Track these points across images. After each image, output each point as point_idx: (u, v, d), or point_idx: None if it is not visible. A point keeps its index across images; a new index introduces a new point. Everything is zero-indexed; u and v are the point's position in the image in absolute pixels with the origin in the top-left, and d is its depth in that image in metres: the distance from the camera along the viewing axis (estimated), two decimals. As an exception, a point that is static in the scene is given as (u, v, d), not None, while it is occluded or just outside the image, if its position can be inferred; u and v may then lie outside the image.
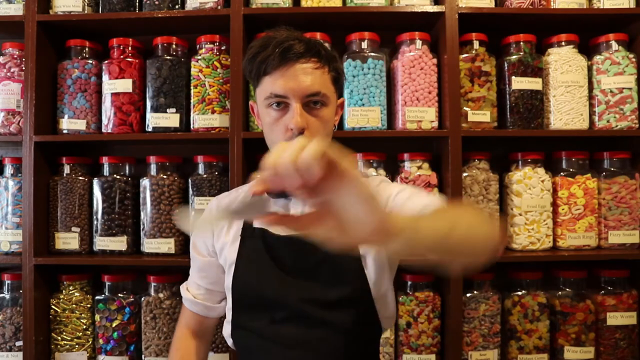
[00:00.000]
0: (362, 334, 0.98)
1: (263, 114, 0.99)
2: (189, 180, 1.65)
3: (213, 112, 1.62)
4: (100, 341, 1.62)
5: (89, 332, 1.64)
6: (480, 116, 1.60)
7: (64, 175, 1.68)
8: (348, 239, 0.56)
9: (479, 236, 0.72)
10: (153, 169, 1.67)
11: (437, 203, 0.87)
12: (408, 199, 0.93)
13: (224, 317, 1.10)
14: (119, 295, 1.63)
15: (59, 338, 1.64)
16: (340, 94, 1.06)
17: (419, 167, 1.63)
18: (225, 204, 1.11)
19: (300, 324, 0.95)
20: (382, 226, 0.54)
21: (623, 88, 1.61)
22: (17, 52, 1.71)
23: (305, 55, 0.94)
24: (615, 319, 1.57)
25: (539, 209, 1.59)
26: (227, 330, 1.05)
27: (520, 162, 1.65)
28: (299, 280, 0.96)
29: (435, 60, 1.63)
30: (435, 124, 1.61)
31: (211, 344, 1.49)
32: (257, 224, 1.03)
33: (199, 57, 1.64)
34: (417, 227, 0.62)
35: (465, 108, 1.61)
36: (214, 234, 1.09)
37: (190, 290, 1.14)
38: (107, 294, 1.63)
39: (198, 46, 1.69)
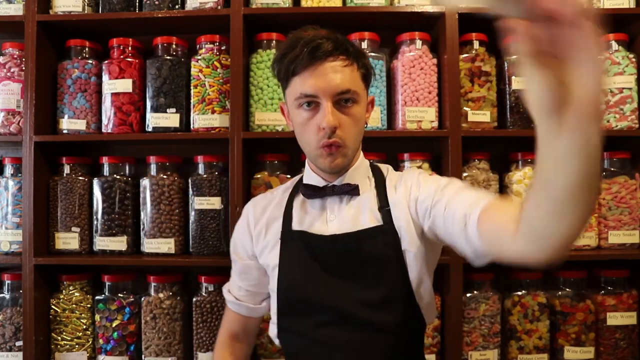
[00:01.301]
0: (407, 332, 0.98)
1: (294, 115, 0.99)
2: (189, 180, 1.65)
3: (213, 112, 1.62)
4: (100, 341, 1.62)
5: (89, 332, 1.64)
6: (480, 116, 1.60)
7: (64, 175, 1.68)
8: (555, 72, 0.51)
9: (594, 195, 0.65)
10: (153, 169, 1.67)
11: (492, 198, 0.86)
12: (456, 194, 0.92)
13: (268, 317, 1.11)
14: (119, 295, 1.63)
15: (59, 338, 1.64)
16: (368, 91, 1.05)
17: (419, 167, 1.63)
18: (262, 206, 1.11)
19: (345, 326, 0.95)
20: (596, 105, 0.50)
21: (623, 88, 1.61)
22: (17, 52, 1.71)
23: (333, 53, 0.93)
24: (615, 319, 1.57)
25: (539, 209, 1.59)
26: (273, 331, 1.06)
27: (520, 162, 1.65)
28: (342, 282, 0.96)
29: (435, 60, 1.63)
30: (435, 124, 1.61)
31: (254, 344, 1.50)
32: (296, 226, 1.03)
33: (199, 57, 1.64)
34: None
35: (465, 108, 1.61)
36: (252, 238, 1.09)
37: (232, 292, 1.16)
38: (107, 294, 1.63)
39: (198, 46, 1.69)
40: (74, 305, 1.64)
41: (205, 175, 1.65)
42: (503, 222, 0.77)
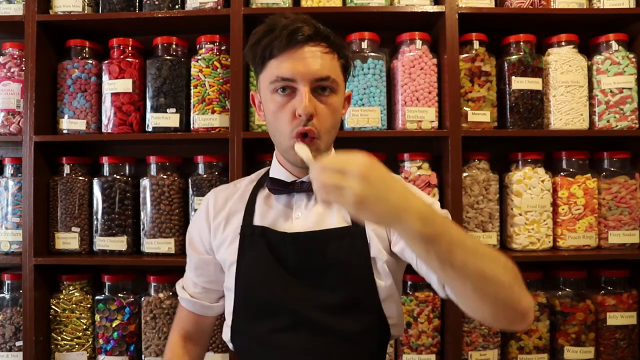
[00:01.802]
0: (369, 341, 0.93)
1: (267, 101, 0.92)
2: (189, 180, 1.65)
3: (213, 112, 1.62)
4: (100, 341, 1.62)
5: (89, 332, 1.64)
6: (480, 116, 1.60)
7: (64, 175, 1.68)
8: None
9: (518, 294, 0.70)
10: (153, 169, 1.67)
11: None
12: None
13: (223, 317, 1.04)
14: (119, 295, 1.63)
15: (59, 338, 1.64)
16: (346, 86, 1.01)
17: (419, 167, 1.63)
18: (223, 197, 1.04)
19: (304, 332, 0.90)
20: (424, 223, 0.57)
21: (623, 88, 1.61)
22: (17, 52, 1.71)
23: (314, 38, 0.88)
24: (615, 319, 1.57)
25: (539, 209, 1.59)
26: (227, 334, 0.99)
27: (520, 162, 1.65)
28: (303, 284, 0.91)
29: (435, 60, 1.63)
30: (435, 124, 1.61)
31: (208, 346, 1.48)
32: (257, 221, 0.97)
33: (199, 57, 1.64)
34: (465, 238, 0.63)
35: (465, 108, 1.60)
36: (210, 230, 1.02)
37: (186, 289, 1.09)
38: (107, 294, 1.63)
39: (198, 46, 1.69)
40: (74, 305, 1.64)
41: (205, 175, 1.65)
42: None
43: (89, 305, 1.65)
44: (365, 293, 0.91)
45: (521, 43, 1.65)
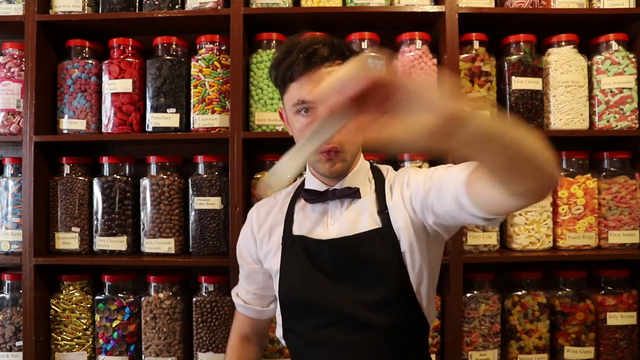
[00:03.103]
0: (408, 333, 0.99)
1: (292, 121, 0.99)
2: (189, 180, 1.65)
3: (213, 112, 1.62)
4: (100, 341, 1.62)
5: (89, 332, 1.64)
6: (480, 116, 1.60)
7: (64, 175, 1.68)
8: (419, 136, 0.53)
9: (546, 159, 0.65)
10: (153, 169, 1.67)
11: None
12: (445, 171, 0.90)
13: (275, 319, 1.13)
14: (119, 295, 1.63)
15: (59, 338, 1.64)
16: None
17: (419, 167, 1.63)
18: (265, 210, 1.12)
19: (345, 328, 0.96)
20: (451, 112, 0.52)
21: (623, 88, 1.61)
22: (17, 52, 1.71)
23: (329, 58, 0.93)
24: (615, 319, 1.57)
25: (539, 208, 1.59)
26: (279, 332, 1.09)
27: (520, 162, 1.64)
28: (340, 284, 0.97)
29: (435, 60, 1.62)
30: (435, 124, 1.61)
31: (266, 345, 1.52)
32: (296, 231, 1.04)
33: (199, 57, 1.64)
34: (491, 117, 0.58)
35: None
36: (256, 242, 1.11)
37: (240, 296, 1.18)
38: (107, 294, 1.63)
39: (198, 46, 1.69)
40: (74, 305, 1.64)
41: (205, 175, 1.65)
42: (482, 186, 0.76)
43: (89, 305, 1.65)
44: (399, 287, 0.96)
45: (521, 43, 1.65)
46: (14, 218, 1.67)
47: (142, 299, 1.61)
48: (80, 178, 1.68)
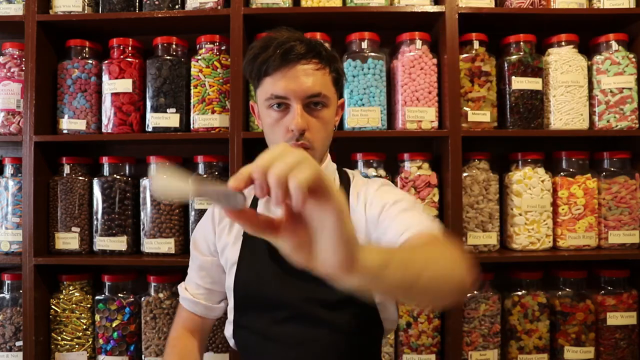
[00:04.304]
0: (363, 334, 0.98)
1: (264, 115, 1.00)
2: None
3: (213, 112, 1.62)
4: (100, 341, 1.62)
5: (89, 332, 1.64)
6: (480, 116, 1.60)
7: (64, 175, 1.68)
8: (311, 262, 0.53)
9: (449, 279, 0.67)
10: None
11: (423, 226, 0.83)
12: (397, 215, 0.90)
13: (224, 317, 1.10)
14: (119, 295, 1.63)
15: (59, 338, 1.64)
16: (340, 95, 1.07)
17: (419, 167, 1.63)
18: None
19: (301, 324, 0.95)
20: (347, 264, 0.51)
21: (623, 88, 1.61)
22: (17, 52, 1.71)
23: (306, 56, 0.94)
24: (615, 319, 1.57)
25: (539, 209, 1.59)
26: (229, 330, 1.06)
27: (520, 162, 1.65)
28: (300, 280, 0.95)
29: (435, 60, 1.62)
30: (435, 124, 1.61)
31: (206, 347, 1.49)
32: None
33: (199, 57, 1.64)
34: (386, 264, 0.58)
35: (465, 108, 1.61)
36: (216, 234, 1.08)
37: (189, 290, 1.13)
38: (107, 294, 1.63)
39: (198, 46, 1.69)
40: (74, 305, 1.64)
41: (205, 175, 1.65)
42: None
43: (89, 305, 1.65)
44: None
45: (521, 43, 1.65)
46: (14, 218, 1.67)
47: (142, 299, 1.61)
48: (80, 178, 1.68)
